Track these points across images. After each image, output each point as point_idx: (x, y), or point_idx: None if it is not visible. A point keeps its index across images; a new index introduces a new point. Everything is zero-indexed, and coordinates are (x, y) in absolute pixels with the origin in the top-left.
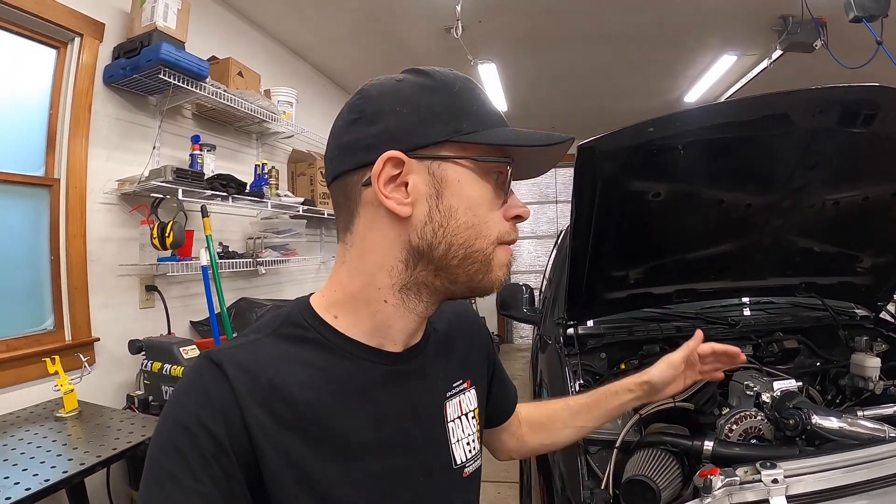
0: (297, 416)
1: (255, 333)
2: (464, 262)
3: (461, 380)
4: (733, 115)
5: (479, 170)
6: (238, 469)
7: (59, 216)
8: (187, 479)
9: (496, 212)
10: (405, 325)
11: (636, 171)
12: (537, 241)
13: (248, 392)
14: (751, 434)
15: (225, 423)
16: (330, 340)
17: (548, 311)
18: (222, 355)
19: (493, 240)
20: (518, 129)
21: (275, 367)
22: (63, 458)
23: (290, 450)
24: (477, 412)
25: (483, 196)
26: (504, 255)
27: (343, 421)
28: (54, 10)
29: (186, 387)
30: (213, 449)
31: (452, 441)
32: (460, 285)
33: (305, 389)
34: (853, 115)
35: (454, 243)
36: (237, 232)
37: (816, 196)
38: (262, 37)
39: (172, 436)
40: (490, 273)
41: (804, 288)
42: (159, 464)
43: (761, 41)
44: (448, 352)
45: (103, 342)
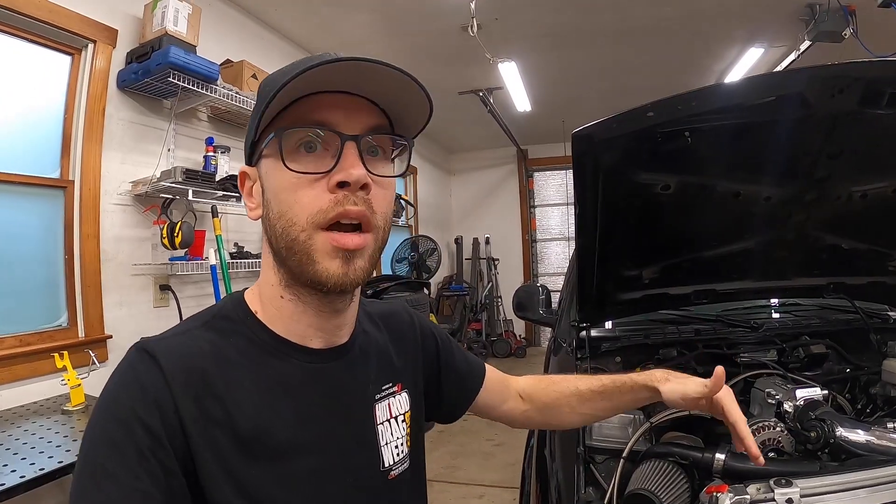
0: (226, 414)
1: (190, 324)
2: (290, 255)
3: (391, 382)
4: (741, 97)
5: (277, 152)
6: (175, 462)
7: (73, 216)
8: (124, 475)
9: (315, 190)
10: (311, 320)
11: (641, 162)
12: (566, 242)
13: (182, 384)
14: (769, 447)
15: (160, 414)
16: (257, 335)
17: (564, 312)
18: (156, 346)
19: (305, 225)
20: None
21: (206, 360)
22: (62, 450)
23: (219, 446)
24: (408, 416)
25: (283, 179)
26: (324, 243)
27: (270, 419)
28: (68, 18)
29: (120, 378)
30: (150, 442)
31: (381, 443)
32: (301, 279)
33: (234, 387)
34: (877, 95)
35: (276, 236)
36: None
37: (842, 188)
38: (277, 39)
39: (107, 429)
40: (316, 265)
41: (832, 288)
42: (94, 459)
43: (789, 32)
44: (377, 353)
45: (116, 340)
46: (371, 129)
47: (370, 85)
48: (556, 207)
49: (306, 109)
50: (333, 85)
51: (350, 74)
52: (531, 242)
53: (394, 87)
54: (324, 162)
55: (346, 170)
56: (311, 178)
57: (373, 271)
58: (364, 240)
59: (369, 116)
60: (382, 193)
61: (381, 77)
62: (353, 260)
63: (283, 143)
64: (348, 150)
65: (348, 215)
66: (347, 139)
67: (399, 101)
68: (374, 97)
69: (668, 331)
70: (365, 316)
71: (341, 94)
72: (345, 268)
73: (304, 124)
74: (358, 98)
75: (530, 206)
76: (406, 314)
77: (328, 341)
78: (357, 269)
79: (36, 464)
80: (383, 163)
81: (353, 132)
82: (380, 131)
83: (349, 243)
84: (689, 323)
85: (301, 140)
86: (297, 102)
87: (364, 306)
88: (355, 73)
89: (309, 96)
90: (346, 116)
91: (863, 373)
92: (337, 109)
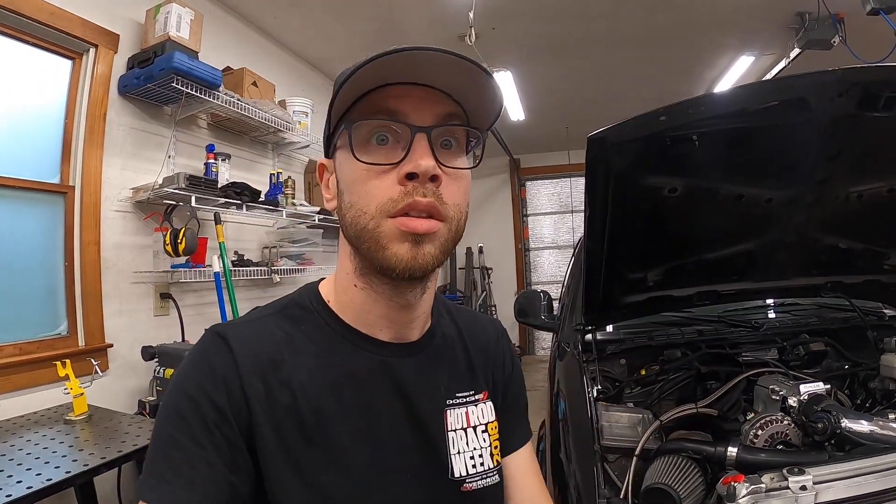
0: (291, 397)
1: (263, 311)
2: (360, 243)
3: (471, 390)
4: (748, 101)
5: (348, 143)
6: (239, 437)
7: (73, 223)
8: (191, 446)
9: (384, 181)
10: (381, 310)
11: (650, 165)
12: (558, 251)
13: (250, 366)
14: (777, 439)
15: (227, 392)
16: (329, 324)
17: (566, 317)
18: (228, 330)
19: (374, 213)
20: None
21: (276, 346)
22: (68, 460)
23: (281, 427)
24: (493, 427)
25: (354, 170)
26: (392, 228)
27: (333, 407)
28: (70, 22)
29: (192, 358)
30: (216, 417)
31: (452, 452)
32: (372, 266)
33: (302, 372)
34: (874, 99)
35: (348, 225)
36: (253, 241)
37: (840, 189)
38: (276, 48)
39: (177, 404)
40: (384, 251)
41: (830, 287)
42: (165, 431)
43: (779, 40)
44: (454, 359)
45: (117, 348)
46: (442, 120)
47: (442, 76)
48: (549, 216)
49: (377, 101)
50: (405, 76)
51: (421, 65)
52: (524, 251)
53: (466, 78)
54: (394, 153)
55: (414, 161)
56: (381, 168)
57: (444, 261)
58: (433, 225)
59: (441, 107)
60: (455, 185)
61: (452, 67)
62: (422, 244)
63: (353, 134)
64: (418, 141)
65: (417, 206)
66: (417, 131)
67: (471, 93)
68: (446, 88)
69: (672, 332)
70: (448, 319)
71: (413, 85)
72: (413, 251)
73: (375, 115)
74: (430, 89)
75: (523, 215)
76: (493, 329)
77: (398, 334)
78: (426, 255)
79: (42, 474)
80: (456, 154)
81: (424, 123)
82: (452, 122)
83: (418, 227)
84: (691, 324)
85: (372, 132)
86: (369, 94)
87: (451, 310)
88: (428, 64)
89: (380, 88)
90: (417, 107)
91: (861, 369)
92: (407, 100)
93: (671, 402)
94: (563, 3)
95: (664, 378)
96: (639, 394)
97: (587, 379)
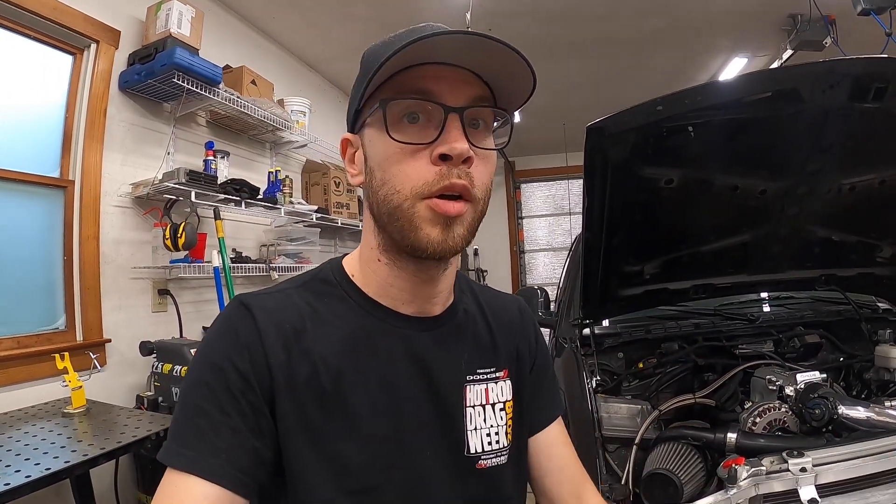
0: (312, 367)
1: (287, 284)
2: (391, 222)
3: (492, 367)
4: (743, 91)
5: (380, 122)
6: (263, 403)
7: (73, 217)
8: (216, 413)
9: (418, 160)
10: (404, 284)
11: (647, 156)
12: (553, 253)
13: (273, 335)
14: (775, 427)
15: (250, 358)
16: (352, 297)
17: (563, 314)
18: (252, 300)
19: (408, 194)
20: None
21: (299, 317)
22: (66, 451)
23: (300, 397)
24: (510, 405)
25: (387, 149)
26: (427, 211)
27: (353, 378)
28: (72, 17)
29: (217, 327)
30: (241, 384)
31: (469, 427)
32: (401, 245)
33: (322, 343)
34: (864, 90)
35: (378, 203)
36: (251, 239)
37: (832, 180)
38: (275, 48)
39: (203, 372)
40: (418, 231)
41: (824, 280)
42: (190, 398)
43: (771, 41)
44: (476, 335)
45: (115, 344)
46: (474, 101)
47: (474, 58)
48: (543, 218)
49: (410, 80)
50: (438, 56)
51: (454, 47)
52: (519, 253)
53: (498, 60)
54: (427, 133)
55: (449, 143)
56: (414, 148)
57: (471, 240)
58: (464, 207)
59: (472, 88)
60: (483, 166)
61: (486, 49)
62: (452, 227)
63: (387, 113)
64: (451, 122)
65: (453, 189)
66: (451, 111)
67: (502, 74)
68: (478, 69)
69: (669, 325)
70: (471, 296)
71: (445, 65)
72: (444, 234)
73: (409, 95)
74: (461, 70)
75: (518, 218)
76: (516, 307)
77: (420, 309)
78: (456, 237)
79: (41, 464)
80: (484, 135)
81: (457, 104)
82: (482, 103)
83: (451, 210)
84: (687, 317)
85: (405, 110)
86: (401, 73)
87: (473, 288)
88: (461, 45)
89: (412, 67)
90: (450, 88)
91: (856, 360)
92: (441, 80)
93: (669, 395)
94: (558, 6)
95: (662, 371)
96: (637, 387)
97: (586, 372)
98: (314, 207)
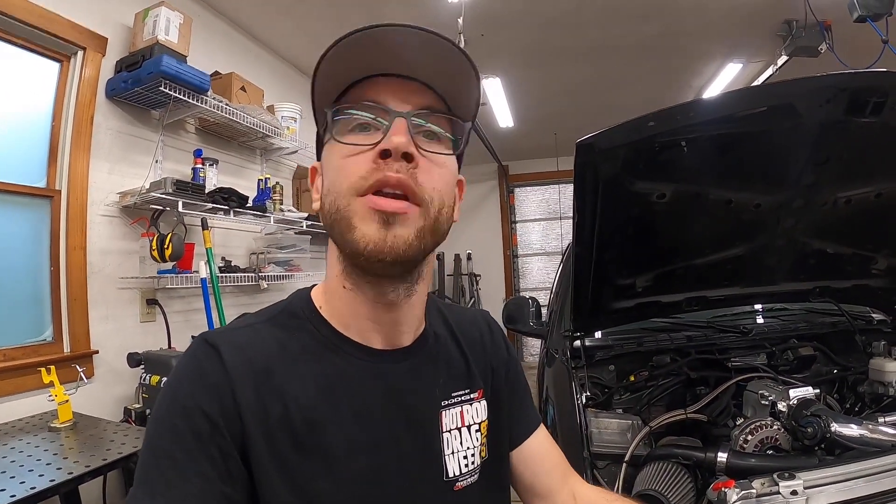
0: (283, 406)
1: (255, 318)
2: (333, 228)
3: (466, 389)
4: (736, 107)
5: (333, 133)
6: (232, 446)
7: (59, 227)
8: (184, 458)
9: (360, 160)
10: (368, 312)
11: (639, 171)
12: (547, 257)
13: (242, 375)
14: (767, 444)
15: (219, 400)
16: (320, 332)
17: (554, 324)
18: (218, 337)
19: (345, 192)
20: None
21: (268, 354)
22: (52, 468)
23: (274, 437)
24: (484, 425)
25: (335, 155)
26: (361, 207)
27: (326, 415)
28: (58, 24)
29: (182, 367)
30: (208, 427)
31: (446, 452)
32: (344, 251)
33: (293, 381)
34: (861, 104)
35: (324, 213)
36: (240, 247)
37: (828, 193)
38: (265, 53)
39: (169, 415)
40: (354, 231)
41: (818, 292)
42: (156, 443)
43: (766, 47)
44: (449, 359)
45: (102, 355)
46: (422, 108)
47: (422, 65)
48: (537, 223)
49: (359, 92)
50: (386, 68)
51: (399, 56)
52: (513, 258)
53: (443, 65)
54: (374, 137)
55: (389, 138)
56: (358, 149)
57: (426, 252)
58: (404, 206)
59: (422, 98)
60: (436, 171)
61: (430, 53)
62: (392, 226)
63: (338, 122)
64: (397, 124)
65: (388, 182)
66: (397, 115)
67: (451, 82)
68: (427, 79)
69: (661, 338)
70: (439, 319)
71: (394, 77)
72: (383, 232)
73: (355, 103)
74: (412, 82)
75: (511, 222)
76: (484, 320)
77: (390, 341)
78: (398, 238)
79: (27, 482)
80: (436, 144)
81: (404, 110)
82: (433, 111)
83: (387, 206)
84: (680, 330)
85: (355, 122)
86: (351, 88)
87: (441, 309)
88: (404, 54)
89: (361, 81)
90: (398, 97)
91: (850, 373)
92: (389, 90)
93: (660, 408)
94: (552, 11)
95: (653, 384)
96: (628, 400)
97: (576, 385)
98: (304, 215)
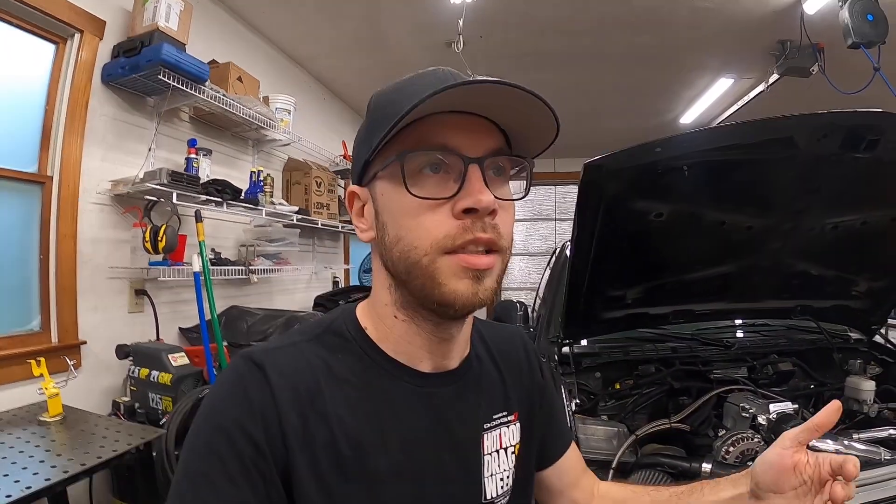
0: (328, 431)
1: (299, 336)
2: (410, 278)
3: (505, 412)
4: (740, 138)
5: (396, 176)
6: (275, 472)
7: (50, 215)
8: (224, 484)
9: (438, 214)
10: (423, 343)
11: (641, 191)
12: (529, 258)
13: (289, 399)
14: (748, 456)
15: (264, 426)
16: (367, 354)
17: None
18: (265, 358)
19: (428, 249)
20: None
21: (314, 377)
22: (46, 465)
23: (318, 463)
24: (518, 448)
25: (404, 203)
26: (450, 265)
27: (372, 441)
28: (56, 4)
29: (226, 387)
30: (252, 453)
31: (486, 475)
32: (424, 302)
33: (339, 405)
34: (856, 140)
35: (394, 261)
36: (230, 239)
37: (816, 219)
38: (263, 43)
39: (210, 437)
40: (440, 287)
41: (800, 311)
42: (194, 466)
43: (759, 65)
44: (490, 381)
45: (90, 346)
46: (493, 152)
47: (495, 107)
48: (520, 223)
49: (427, 132)
50: (456, 105)
51: (475, 95)
52: None
53: (519, 108)
54: (447, 186)
55: (474, 195)
56: (434, 202)
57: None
58: (493, 260)
59: (490, 138)
60: (507, 214)
61: (509, 98)
62: (482, 280)
63: (405, 166)
64: (473, 173)
65: (479, 242)
66: (471, 162)
67: (521, 122)
68: (497, 118)
69: (646, 348)
70: (478, 339)
71: (460, 113)
72: (474, 287)
73: (427, 147)
74: (479, 118)
75: None
76: (520, 340)
77: (438, 365)
78: (486, 289)
79: (21, 481)
80: (503, 183)
81: (476, 154)
82: (501, 153)
83: (480, 263)
84: (665, 341)
85: (424, 164)
86: (416, 123)
87: (479, 328)
88: (482, 94)
89: (427, 116)
90: (469, 138)
91: (826, 389)
92: (460, 131)
93: (644, 416)
94: (550, 18)
95: (638, 392)
96: (612, 407)
97: (564, 392)
98: (295, 208)
